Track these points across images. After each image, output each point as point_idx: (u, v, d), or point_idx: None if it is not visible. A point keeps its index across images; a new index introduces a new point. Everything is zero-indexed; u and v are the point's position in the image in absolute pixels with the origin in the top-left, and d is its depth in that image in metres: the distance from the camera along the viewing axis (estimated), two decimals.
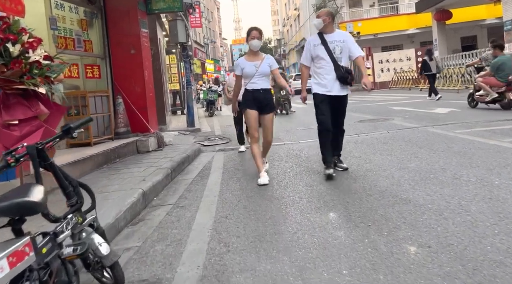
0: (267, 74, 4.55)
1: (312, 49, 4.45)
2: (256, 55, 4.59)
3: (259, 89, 4.49)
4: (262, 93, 4.51)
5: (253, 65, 4.49)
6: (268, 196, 3.93)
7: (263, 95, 4.53)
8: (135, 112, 7.06)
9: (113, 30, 7.22)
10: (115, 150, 5.76)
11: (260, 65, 4.48)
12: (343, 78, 4.34)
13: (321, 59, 4.39)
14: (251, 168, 5.33)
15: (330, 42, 4.34)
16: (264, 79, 4.52)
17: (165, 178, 4.72)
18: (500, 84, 8.50)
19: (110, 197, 3.79)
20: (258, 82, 4.48)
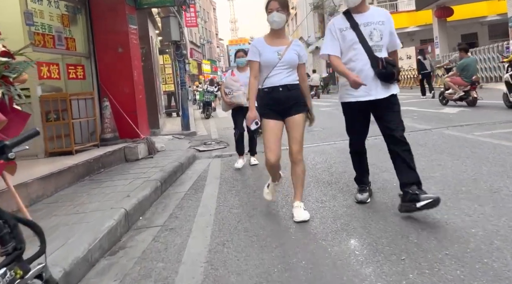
0: (293, 65, 3.13)
1: (338, 34, 3.09)
2: (280, 37, 3.18)
3: (278, 86, 3.08)
4: (282, 91, 3.08)
5: (275, 51, 3.09)
6: (273, 215, 3.34)
7: (286, 93, 3.09)
8: (123, 116, 6.46)
9: (98, 27, 6.62)
10: (99, 159, 5.16)
11: (285, 52, 3.08)
12: (386, 75, 3.01)
13: (351, 49, 3.05)
14: (251, 177, 4.74)
15: (364, 24, 3.01)
16: (289, 72, 3.11)
17: (154, 192, 4.13)
18: (465, 84, 9.48)
19: (85, 219, 3.19)
20: (279, 76, 3.08)
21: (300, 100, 3.16)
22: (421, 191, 2.84)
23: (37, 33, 5.44)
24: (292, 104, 3.11)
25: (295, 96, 3.14)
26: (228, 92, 5.33)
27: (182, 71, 9.91)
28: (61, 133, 5.37)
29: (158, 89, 10.78)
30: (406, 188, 2.90)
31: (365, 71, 3.03)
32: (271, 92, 3.11)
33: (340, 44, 3.11)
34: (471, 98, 9.41)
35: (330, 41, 3.17)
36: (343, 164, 4.88)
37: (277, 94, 3.10)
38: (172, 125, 11.83)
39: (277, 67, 3.09)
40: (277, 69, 3.08)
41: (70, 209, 3.55)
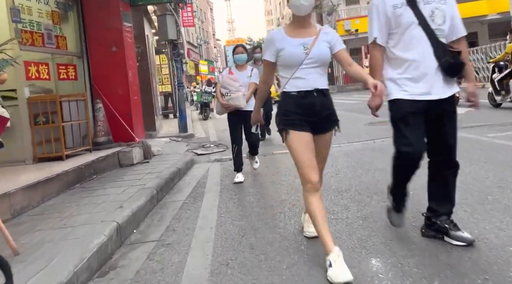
0: (325, 63, 2.43)
1: (390, 12, 2.36)
2: (306, 26, 2.44)
3: (313, 90, 2.38)
4: (318, 97, 2.39)
5: (299, 44, 2.37)
6: (281, 228, 3.03)
7: (321, 100, 2.41)
8: (117, 118, 6.13)
9: (91, 24, 6.29)
10: (90, 165, 4.83)
11: (313, 45, 2.36)
12: (455, 66, 2.33)
13: (407, 32, 2.32)
14: (254, 184, 4.43)
15: (424, 1, 2.31)
16: (320, 71, 2.42)
17: (149, 201, 3.81)
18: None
19: (73, 234, 2.87)
20: (310, 77, 2.38)
21: (334, 111, 2.50)
22: (452, 226, 2.41)
23: (24, 31, 5.10)
24: (326, 115, 2.44)
25: (329, 105, 2.48)
26: (225, 92, 4.58)
27: (179, 71, 9.58)
28: (51, 137, 5.04)
29: (155, 90, 10.45)
30: (435, 218, 2.47)
31: (426, 62, 2.31)
32: (304, 98, 2.37)
33: (391, 26, 2.36)
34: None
35: (376, 21, 2.40)
36: (352, 170, 4.57)
37: (312, 100, 2.37)
38: (169, 127, 11.50)
39: (304, 65, 2.36)
40: (305, 67, 2.37)
41: (57, 222, 3.22)
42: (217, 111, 4.92)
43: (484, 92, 9.41)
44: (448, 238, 2.40)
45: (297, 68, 2.37)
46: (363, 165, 4.72)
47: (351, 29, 25.90)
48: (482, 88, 14.84)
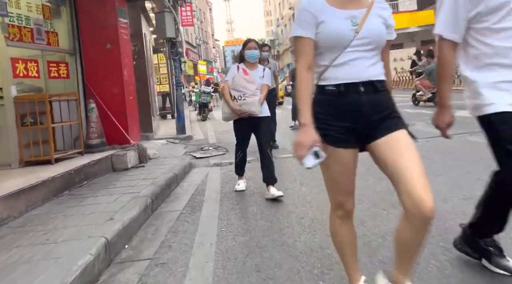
0: (380, 44, 1.67)
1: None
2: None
3: (358, 83, 1.63)
4: (365, 93, 1.63)
5: (346, 17, 1.64)
6: (289, 246, 2.70)
7: (371, 98, 1.64)
8: (111, 119, 5.79)
9: (84, 20, 5.96)
10: (81, 169, 4.49)
11: (365, 20, 1.63)
12: None
13: (505, 17, 1.70)
14: (257, 192, 4.10)
15: None
16: (373, 56, 1.67)
17: (143, 211, 3.47)
18: (432, 86, 10.33)
19: (55, 252, 2.54)
20: (357, 63, 1.63)
21: (395, 109, 1.68)
22: (498, 250, 2.06)
23: (12, 25, 4.76)
24: (383, 117, 1.62)
25: (386, 103, 1.66)
26: (237, 96, 3.90)
27: (177, 71, 9.25)
28: (39, 140, 4.70)
29: (152, 90, 10.11)
30: (480, 236, 2.12)
31: None
32: (344, 95, 1.61)
33: (478, 11, 1.72)
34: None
35: (451, 12, 1.80)
36: (362, 177, 4.24)
37: (355, 98, 1.61)
38: (167, 128, 11.16)
39: (352, 47, 1.60)
40: (353, 50, 1.60)
41: (39, 236, 2.89)
42: (224, 117, 4.14)
43: None
44: (487, 263, 2.08)
45: (342, 51, 1.59)
46: (374, 172, 4.35)
47: None
48: None
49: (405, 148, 1.58)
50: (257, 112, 3.91)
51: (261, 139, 4.05)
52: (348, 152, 1.68)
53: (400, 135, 1.61)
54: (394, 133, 1.60)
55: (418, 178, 1.49)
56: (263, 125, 4.04)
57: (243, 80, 3.94)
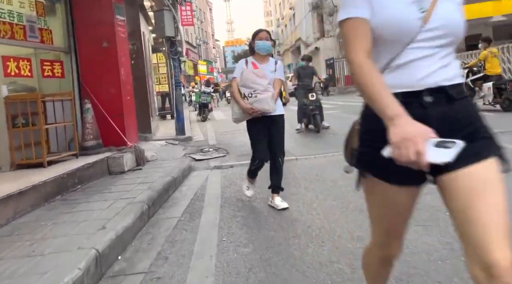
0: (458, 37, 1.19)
1: None
2: None
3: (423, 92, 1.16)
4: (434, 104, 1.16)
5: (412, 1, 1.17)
6: (296, 259, 2.49)
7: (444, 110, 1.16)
8: (108, 120, 5.58)
9: (80, 17, 5.74)
10: (75, 173, 4.28)
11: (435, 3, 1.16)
12: None
13: None
14: (259, 197, 3.89)
15: None
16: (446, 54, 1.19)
17: (139, 219, 3.26)
18: None
19: (40, 266, 2.32)
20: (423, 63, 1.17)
21: (482, 125, 1.18)
22: None
23: (3, 22, 4.55)
24: (464, 137, 1.06)
25: (468, 117, 1.18)
26: (247, 93, 3.46)
27: (177, 70, 9.03)
28: (31, 142, 4.49)
29: (151, 90, 9.90)
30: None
31: None
32: (406, 107, 1.08)
33: None
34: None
35: None
36: None
37: (419, 113, 1.13)
38: (166, 128, 10.94)
39: (419, 43, 1.16)
40: (419, 47, 1.17)
41: (26, 247, 2.67)
42: (234, 118, 3.65)
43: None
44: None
45: (403, 47, 1.16)
46: None
47: None
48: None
49: (489, 188, 1.07)
50: (271, 110, 3.47)
51: (275, 142, 3.59)
52: (405, 191, 1.21)
53: (486, 168, 1.10)
54: (479, 164, 1.09)
55: (498, 237, 1.02)
56: (278, 126, 3.58)
57: (253, 74, 3.48)
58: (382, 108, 1.07)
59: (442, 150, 0.98)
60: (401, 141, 0.99)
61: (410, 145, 0.97)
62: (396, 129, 1.02)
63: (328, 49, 27.81)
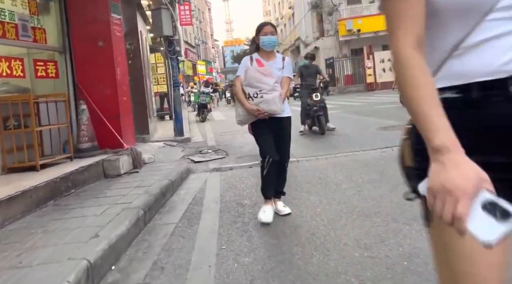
0: None
1: None
2: None
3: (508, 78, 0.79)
4: None
5: None
6: (300, 269, 2.33)
7: None
8: (103, 121, 5.42)
9: (75, 16, 5.59)
10: (68, 177, 4.12)
11: None
12: None
13: None
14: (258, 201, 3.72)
15: None
16: None
17: (134, 225, 3.11)
18: None
19: (26, 280, 2.17)
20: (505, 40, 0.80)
21: None
22: None
23: None
24: None
25: None
26: (252, 93, 3.17)
27: (175, 70, 8.88)
28: (23, 144, 4.33)
29: (149, 90, 9.74)
30: None
31: None
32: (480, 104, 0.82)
33: None
34: None
35: None
36: (376, 185, 3.89)
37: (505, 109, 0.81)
38: (164, 129, 10.79)
39: (499, 12, 0.79)
40: (498, 18, 0.80)
41: (13, 257, 2.52)
42: (238, 120, 3.35)
43: None
44: None
45: (480, 18, 0.81)
46: (388, 179, 4.04)
47: (353, 29, 25.29)
48: None
49: None
50: (279, 111, 3.19)
51: (280, 146, 3.30)
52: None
53: None
54: None
55: None
56: (285, 129, 3.33)
57: (258, 73, 3.18)
58: (428, 130, 0.76)
59: (490, 220, 0.67)
60: (439, 190, 0.71)
61: (448, 200, 0.69)
62: (439, 168, 0.72)
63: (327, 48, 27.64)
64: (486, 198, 0.68)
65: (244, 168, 5.39)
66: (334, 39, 27.62)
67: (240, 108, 3.28)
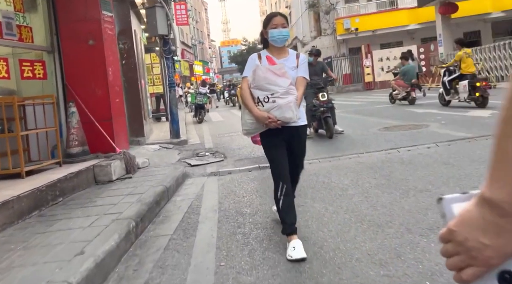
0: None
1: None
2: None
3: None
4: None
5: None
6: None
7: None
8: (95, 124, 5.15)
9: (64, 14, 5.32)
10: (55, 184, 3.85)
11: None
12: None
13: None
14: (260, 208, 3.46)
15: None
16: None
17: (124, 239, 2.84)
18: (406, 86, 11.67)
19: None
20: None
21: None
22: None
23: None
24: None
25: None
26: (263, 97, 2.62)
27: (170, 70, 8.60)
28: (7, 150, 4.05)
29: (144, 91, 9.46)
30: None
31: None
32: None
33: None
34: (411, 98, 11.53)
35: None
36: (384, 190, 3.63)
37: None
38: (160, 131, 10.51)
39: None
40: None
41: None
42: (244, 129, 2.82)
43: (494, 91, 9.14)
44: None
45: None
46: (397, 184, 3.79)
47: (351, 28, 25.06)
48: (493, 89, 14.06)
49: None
50: (295, 119, 2.64)
51: (295, 156, 2.84)
52: None
53: None
54: None
55: None
56: (300, 139, 2.84)
57: (270, 72, 2.62)
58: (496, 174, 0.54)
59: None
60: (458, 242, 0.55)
61: (462, 257, 0.55)
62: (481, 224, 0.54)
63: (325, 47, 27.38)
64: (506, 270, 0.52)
65: (243, 172, 5.13)
66: (331, 38, 27.40)
67: (247, 115, 2.73)
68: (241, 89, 2.81)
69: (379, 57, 23.79)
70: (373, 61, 23.72)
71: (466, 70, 9.58)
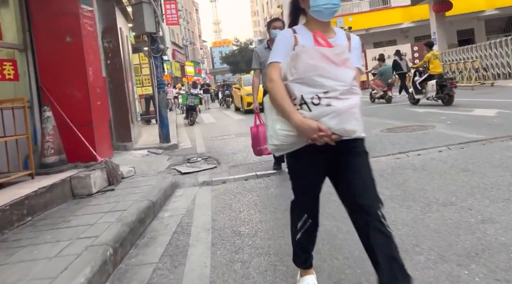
0: None
1: None
2: None
3: None
4: None
5: None
6: None
7: None
8: (73, 130, 4.64)
9: (38, 8, 4.80)
10: (22, 202, 3.33)
11: None
12: None
13: None
14: (263, 229, 2.98)
15: None
16: None
17: (98, 272, 2.35)
18: (383, 85, 12.48)
19: None
20: None
21: None
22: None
23: None
24: None
25: None
26: (310, 97, 1.64)
27: (159, 70, 8.09)
28: None
29: (131, 93, 8.93)
30: None
31: None
32: None
33: None
34: (387, 96, 12.29)
35: None
36: (401, 203, 3.18)
37: None
38: (150, 135, 9.99)
39: None
40: None
41: None
42: (276, 146, 1.80)
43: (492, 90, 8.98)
44: None
45: None
46: (414, 195, 3.34)
47: (344, 27, 24.71)
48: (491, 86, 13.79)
49: None
50: (360, 133, 1.72)
51: (359, 186, 1.75)
52: None
53: None
54: None
55: None
56: (360, 158, 1.81)
57: (325, 59, 1.65)
58: None
59: None
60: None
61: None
62: None
63: None
64: None
65: (238, 181, 4.66)
66: None
67: (282, 123, 1.75)
68: (270, 81, 1.77)
69: (373, 56, 23.46)
70: (367, 60, 23.39)
71: (434, 70, 10.28)
